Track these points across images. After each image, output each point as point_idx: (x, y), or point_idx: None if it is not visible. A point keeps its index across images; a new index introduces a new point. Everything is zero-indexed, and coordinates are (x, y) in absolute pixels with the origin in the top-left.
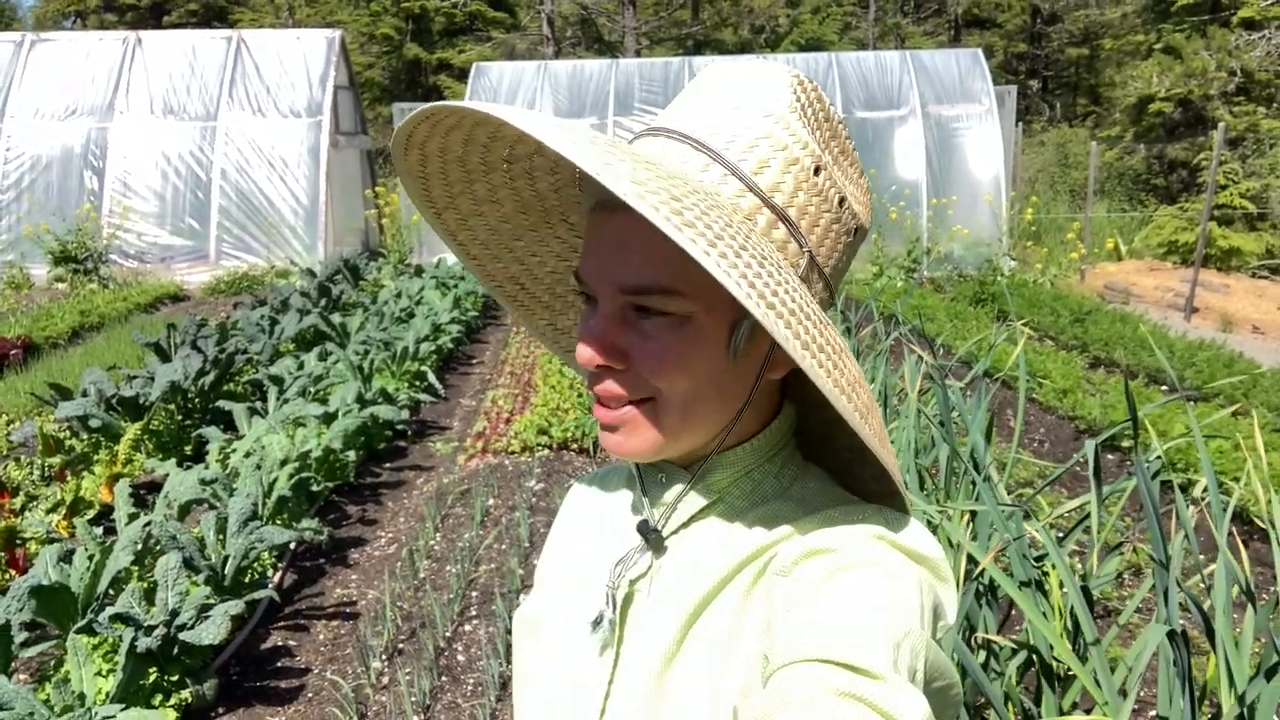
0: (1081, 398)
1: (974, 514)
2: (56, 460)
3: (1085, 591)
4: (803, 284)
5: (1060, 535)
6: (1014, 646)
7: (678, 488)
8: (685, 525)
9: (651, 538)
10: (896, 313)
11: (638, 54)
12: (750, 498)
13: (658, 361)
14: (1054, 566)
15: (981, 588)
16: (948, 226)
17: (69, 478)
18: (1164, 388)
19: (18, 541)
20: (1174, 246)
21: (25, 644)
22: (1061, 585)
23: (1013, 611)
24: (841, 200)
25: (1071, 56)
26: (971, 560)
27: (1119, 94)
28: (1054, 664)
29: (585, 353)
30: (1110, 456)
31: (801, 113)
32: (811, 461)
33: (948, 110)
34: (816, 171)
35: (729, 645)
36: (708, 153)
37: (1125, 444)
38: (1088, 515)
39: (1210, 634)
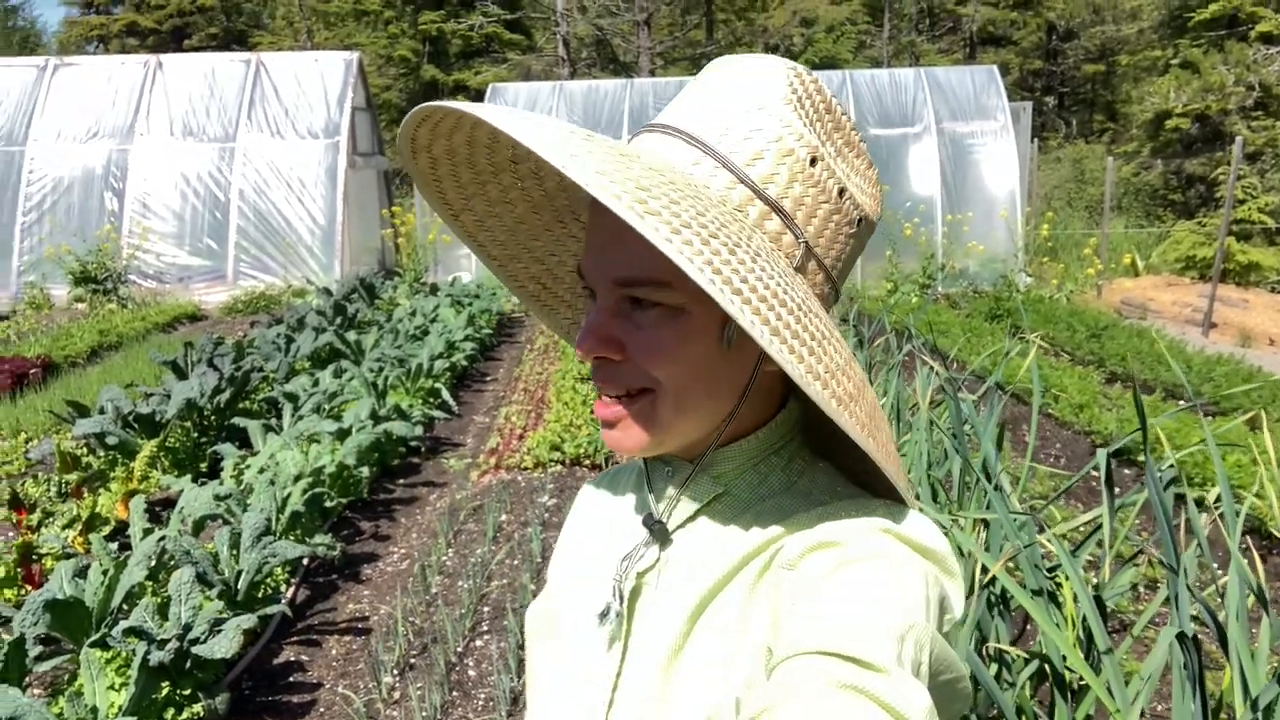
0: (1098, 412)
1: (987, 525)
2: (74, 477)
3: (1099, 601)
4: (796, 274)
5: (1073, 547)
6: (1026, 656)
7: (682, 480)
8: (692, 518)
9: (656, 529)
10: (910, 327)
11: (652, 74)
12: (757, 490)
13: (652, 352)
14: (1066, 577)
15: (994, 597)
16: (963, 243)
17: (86, 494)
18: (1181, 402)
19: (34, 557)
20: (1191, 262)
21: (40, 658)
22: (1075, 598)
23: (1028, 626)
24: (841, 191)
25: (1088, 73)
26: (983, 569)
27: (1136, 110)
28: (1067, 674)
29: (583, 344)
30: (1127, 471)
31: (798, 105)
32: (827, 457)
33: (962, 127)
34: (813, 163)
35: (735, 638)
36: (699, 146)
37: (1142, 459)
38: (1101, 527)
39: (1223, 639)
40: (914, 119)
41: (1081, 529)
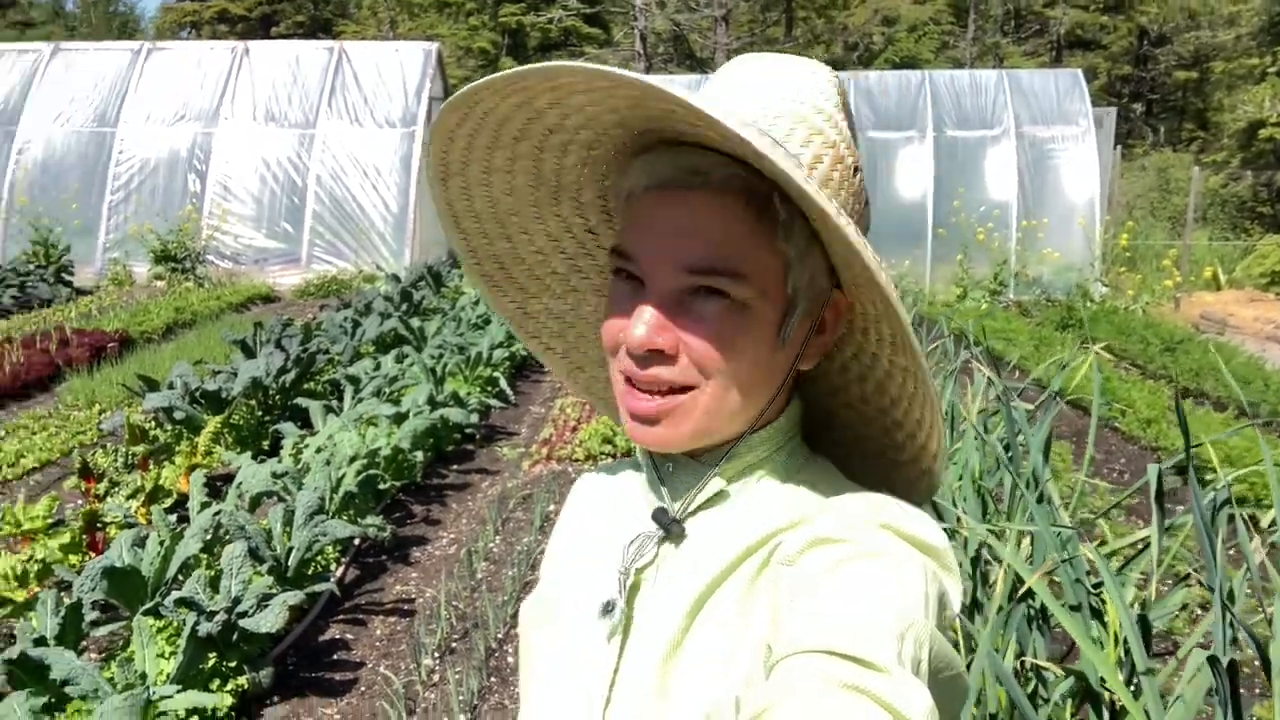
0: (1166, 428)
1: (1034, 538)
2: (140, 449)
3: (1143, 620)
4: None
5: (1123, 563)
6: (1062, 673)
7: (689, 476)
8: (694, 513)
9: (673, 528)
10: (967, 333)
11: None
12: (758, 486)
13: (711, 346)
14: (1110, 593)
15: (1033, 611)
16: (1037, 249)
17: (151, 466)
18: (1257, 421)
19: (99, 525)
20: (1277, 277)
21: (96, 623)
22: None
23: (1075, 642)
24: (867, 201)
25: (1179, 80)
26: (1021, 581)
27: (1228, 119)
28: (1105, 694)
29: (637, 334)
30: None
31: (843, 112)
32: (824, 456)
33: (1043, 131)
34: (855, 172)
35: (736, 632)
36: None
37: (1208, 476)
38: (1150, 544)
39: (1266, 666)
40: (993, 122)
41: (1136, 546)
